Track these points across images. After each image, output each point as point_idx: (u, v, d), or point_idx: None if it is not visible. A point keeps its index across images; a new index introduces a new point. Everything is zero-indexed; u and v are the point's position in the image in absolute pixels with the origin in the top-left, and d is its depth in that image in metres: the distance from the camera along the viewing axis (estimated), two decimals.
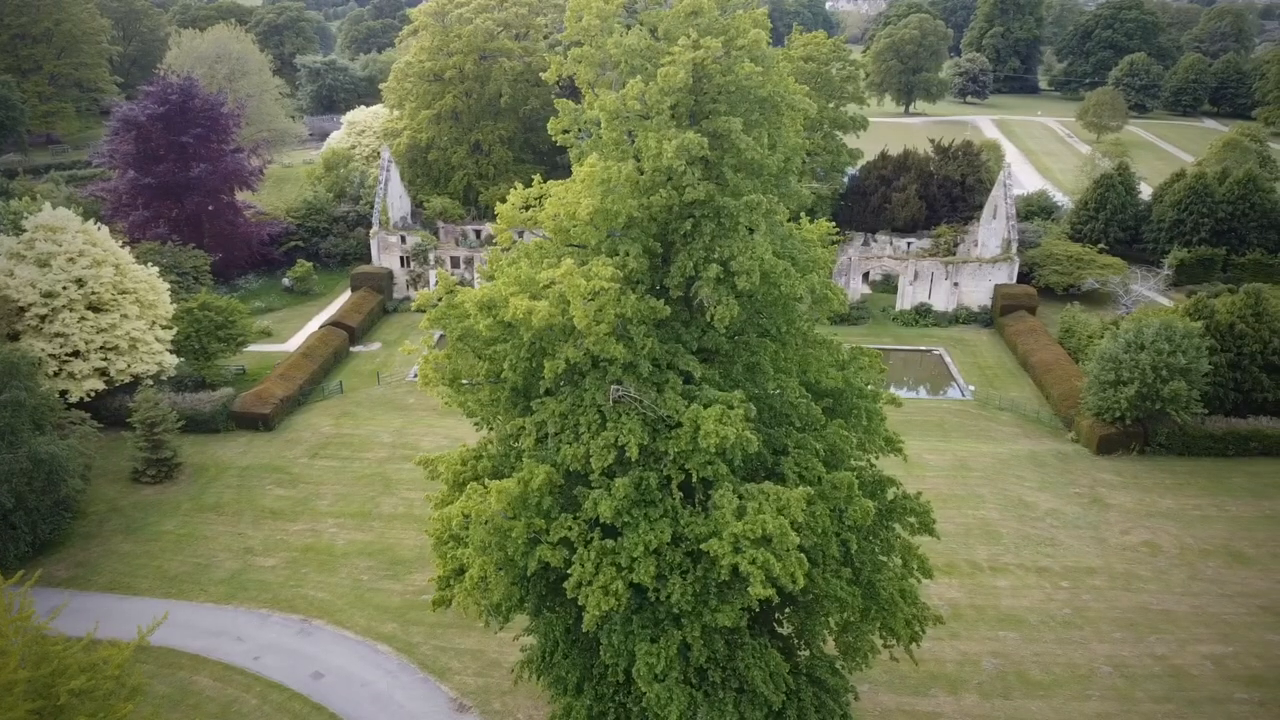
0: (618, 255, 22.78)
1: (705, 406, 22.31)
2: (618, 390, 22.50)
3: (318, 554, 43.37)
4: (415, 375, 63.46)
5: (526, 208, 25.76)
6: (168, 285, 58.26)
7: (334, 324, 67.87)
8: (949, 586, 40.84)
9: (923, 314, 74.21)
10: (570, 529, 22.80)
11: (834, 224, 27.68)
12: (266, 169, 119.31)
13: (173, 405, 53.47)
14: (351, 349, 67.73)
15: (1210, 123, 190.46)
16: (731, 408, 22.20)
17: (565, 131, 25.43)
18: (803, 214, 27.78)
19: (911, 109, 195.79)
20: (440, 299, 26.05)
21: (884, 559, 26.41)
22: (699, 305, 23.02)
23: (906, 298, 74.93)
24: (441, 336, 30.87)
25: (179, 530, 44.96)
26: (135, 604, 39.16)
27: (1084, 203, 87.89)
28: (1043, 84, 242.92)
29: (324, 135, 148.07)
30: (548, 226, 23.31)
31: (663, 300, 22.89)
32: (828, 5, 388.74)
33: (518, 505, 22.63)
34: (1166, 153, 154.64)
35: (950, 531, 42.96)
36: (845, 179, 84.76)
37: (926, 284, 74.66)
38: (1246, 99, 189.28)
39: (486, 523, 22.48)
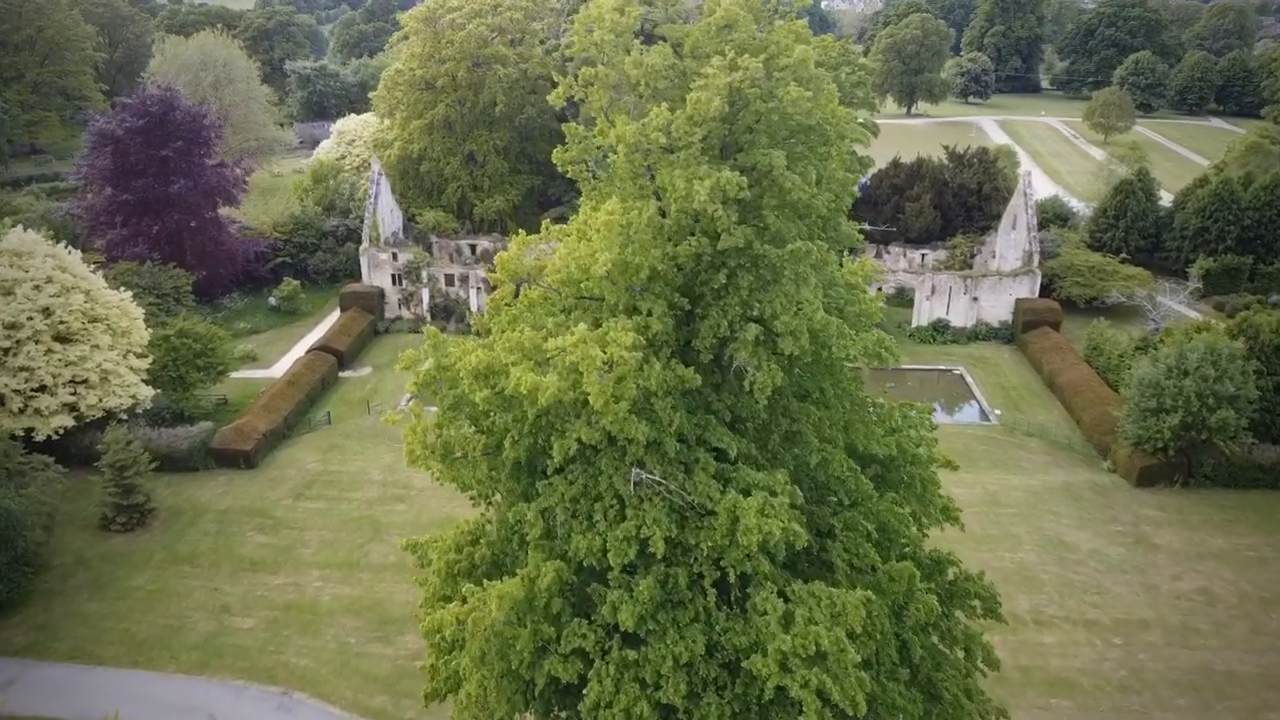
0: (638, 314, 19.23)
1: (744, 494, 18.79)
2: (639, 474, 18.98)
3: (300, 612, 39.77)
4: (407, 404, 59.94)
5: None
6: (142, 311, 54.52)
7: (322, 348, 64.26)
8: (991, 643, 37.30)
9: (940, 330, 70.77)
10: (585, 637, 19.29)
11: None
12: (252, 179, 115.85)
13: (146, 443, 49.88)
14: (340, 374, 64.13)
15: (1217, 122, 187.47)
16: (774, 494, 18.69)
17: (575, 163, 21.79)
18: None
19: (914, 110, 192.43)
20: (428, 358, 22.36)
21: (945, 651, 22.94)
22: (735, 370, 19.47)
23: (923, 313, 71.49)
24: (411, 398, 27.28)
25: (150, 586, 41.32)
26: (99, 676, 35.56)
27: (1103, 210, 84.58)
28: (1044, 83, 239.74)
29: (314, 143, 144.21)
30: (555, 280, 19.72)
31: (691, 367, 19.33)
32: (823, 4, 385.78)
33: (523, 608, 19.11)
34: (1175, 154, 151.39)
35: (987, 578, 39.48)
36: (856, 188, 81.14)
37: (944, 298, 71.22)
38: (1254, 97, 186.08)
39: (486, 631, 18.96)
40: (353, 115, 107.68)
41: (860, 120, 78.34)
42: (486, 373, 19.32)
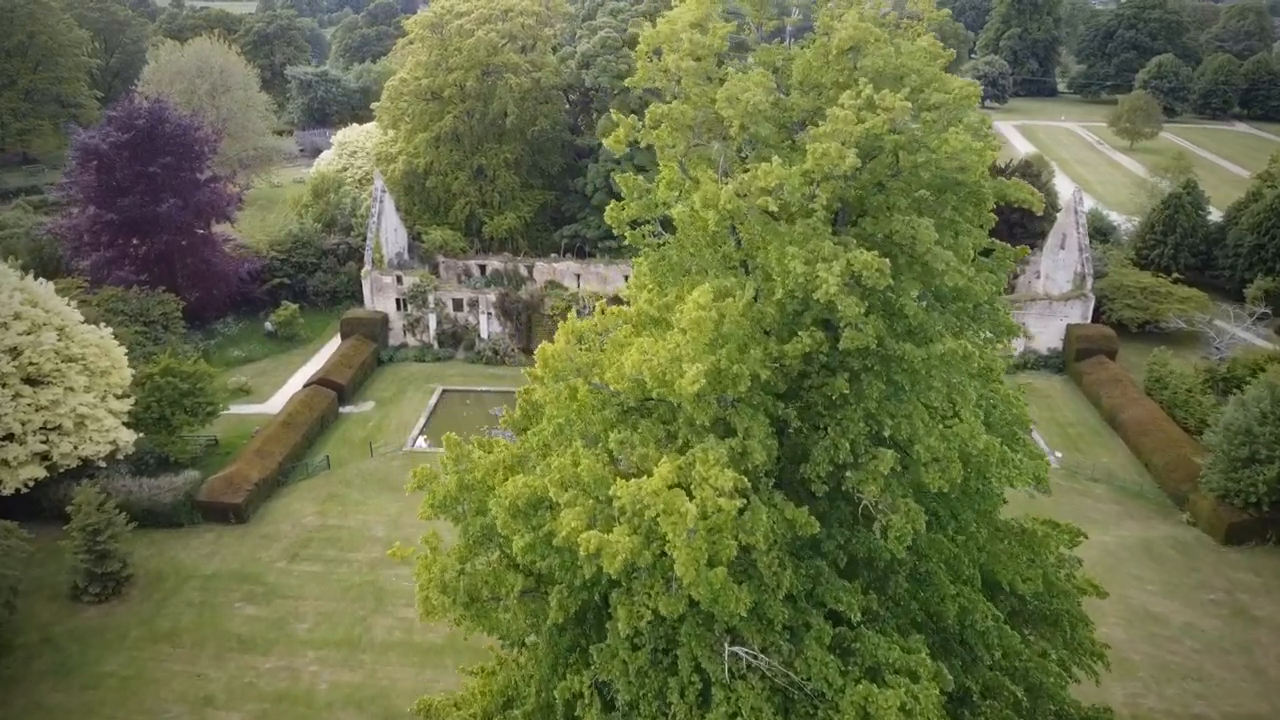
0: (732, 434, 14.37)
1: (874, 678, 13.92)
2: (733, 650, 14.12)
3: (293, 704, 34.95)
4: (415, 443, 55.24)
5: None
6: (124, 349, 49.72)
7: (320, 382, 59.40)
8: None
9: None
10: None
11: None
12: (248, 194, 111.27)
13: (126, 496, 45.21)
14: (341, 410, 59.28)
15: (1242, 126, 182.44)
16: (916, 677, 13.82)
17: (636, 224, 16.92)
18: None
19: None
20: (449, 469, 17.47)
21: None
22: (860, 511, 14.58)
23: None
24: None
25: (124, 672, 36.49)
26: None
27: (1150, 225, 79.63)
28: (1060, 86, 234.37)
29: (315, 151, 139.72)
30: (622, 387, 14.76)
31: (803, 506, 14.44)
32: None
33: None
34: (1206, 161, 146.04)
35: None
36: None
37: None
38: (1279, 101, 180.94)
39: None
40: (355, 125, 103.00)
41: None
42: (528, 508, 14.42)
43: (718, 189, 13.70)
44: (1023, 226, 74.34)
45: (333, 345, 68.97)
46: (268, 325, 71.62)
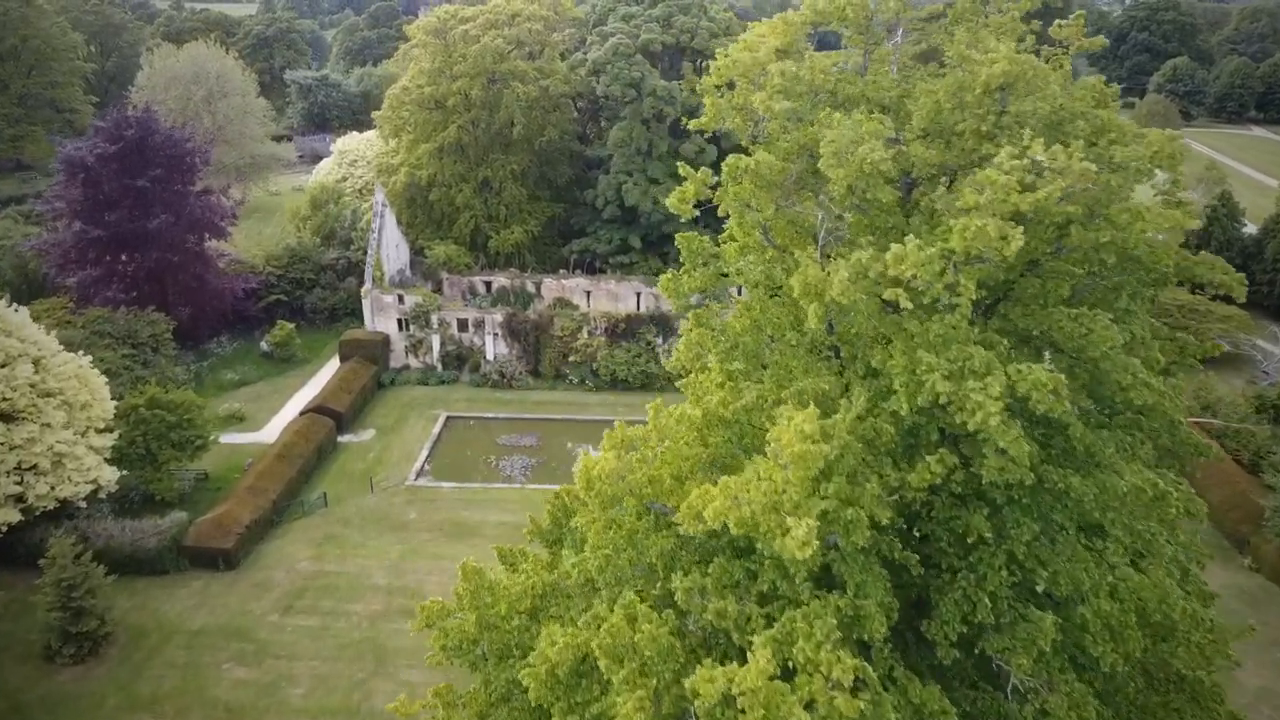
0: (839, 589, 11.03)
1: None
2: None
3: None
4: (417, 477, 51.95)
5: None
6: (105, 381, 46.41)
7: (318, 409, 56.09)
8: None
9: None
10: None
11: None
12: (249, 200, 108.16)
13: (107, 541, 42.09)
14: (339, 439, 55.97)
15: (1259, 130, 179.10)
16: None
17: (697, 301, 13.56)
18: None
19: None
20: (465, 603, 14.09)
21: None
22: (1010, 689, 11.21)
23: None
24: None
25: None
26: None
27: (1183, 240, 76.34)
28: None
29: (315, 157, 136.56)
30: (695, 530, 11.34)
31: (928, 680, 11.12)
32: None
33: None
34: (1227, 166, 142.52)
35: None
36: None
37: None
38: None
39: None
40: (355, 133, 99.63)
41: None
42: (570, 678, 11.10)
43: (823, 274, 10.40)
44: None
45: (331, 366, 65.75)
46: (263, 345, 68.34)
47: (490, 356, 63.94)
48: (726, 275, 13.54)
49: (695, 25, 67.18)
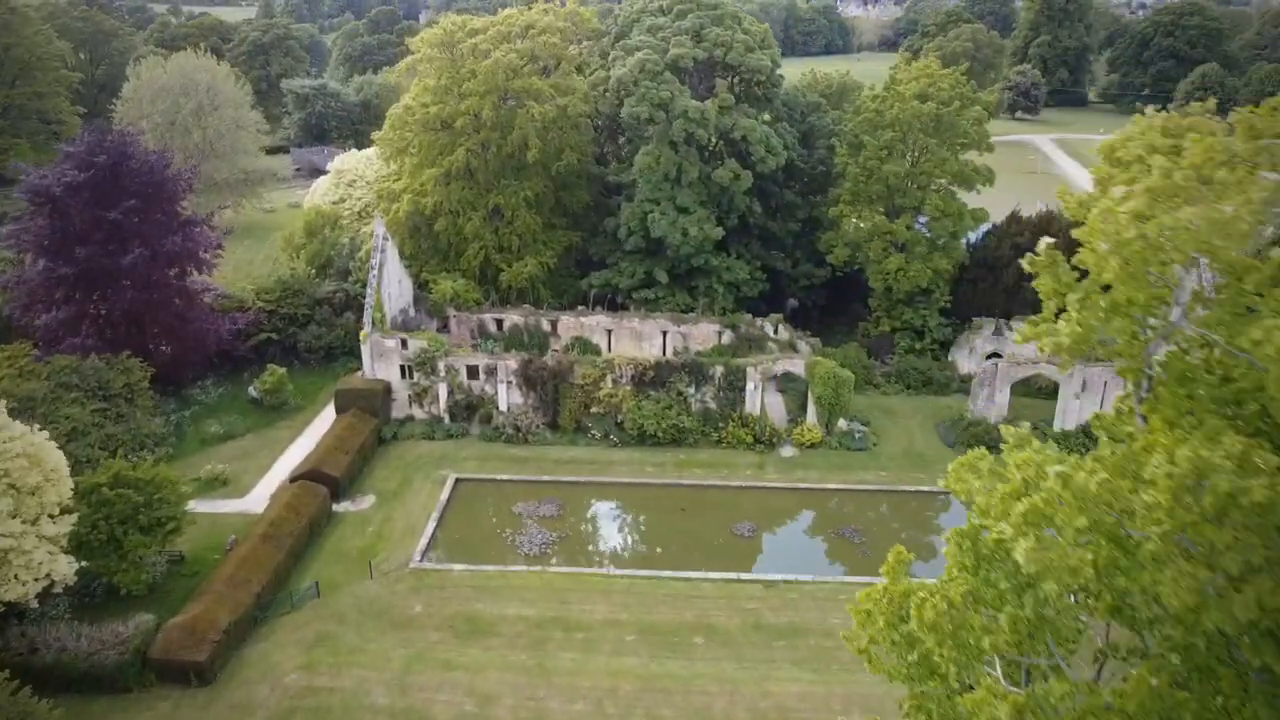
0: None
1: None
2: None
3: None
4: (423, 557, 45.51)
5: None
6: (63, 458, 39.86)
7: (311, 474, 49.64)
8: None
9: (1094, 436, 55.97)
10: None
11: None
12: (237, 225, 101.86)
13: (58, 655, 35.67)
14: (335, 508, 49.56)
15: None
16: None
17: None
18: None
19: None
20: None
21: None
22: None
23: (1069, 415, 56.83)
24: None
25: None
26: None
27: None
28: (1091, 96, 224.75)
29: (313, 170, 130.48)
30: None
31: None
32: (839, 10, 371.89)
33: None
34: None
35: None
36: (965, 248, 66.85)
37: (1097, 395, 56.55)
38: None
39: None
40: (354, 150, 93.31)
41: (974, 165, 64.13)
42: None
43: None
44: None
45: (327, 414, 59.40)
46: (252, 390, 61.93)
47: (504, 407, 57.53)
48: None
49: (730, 38, 60.69)
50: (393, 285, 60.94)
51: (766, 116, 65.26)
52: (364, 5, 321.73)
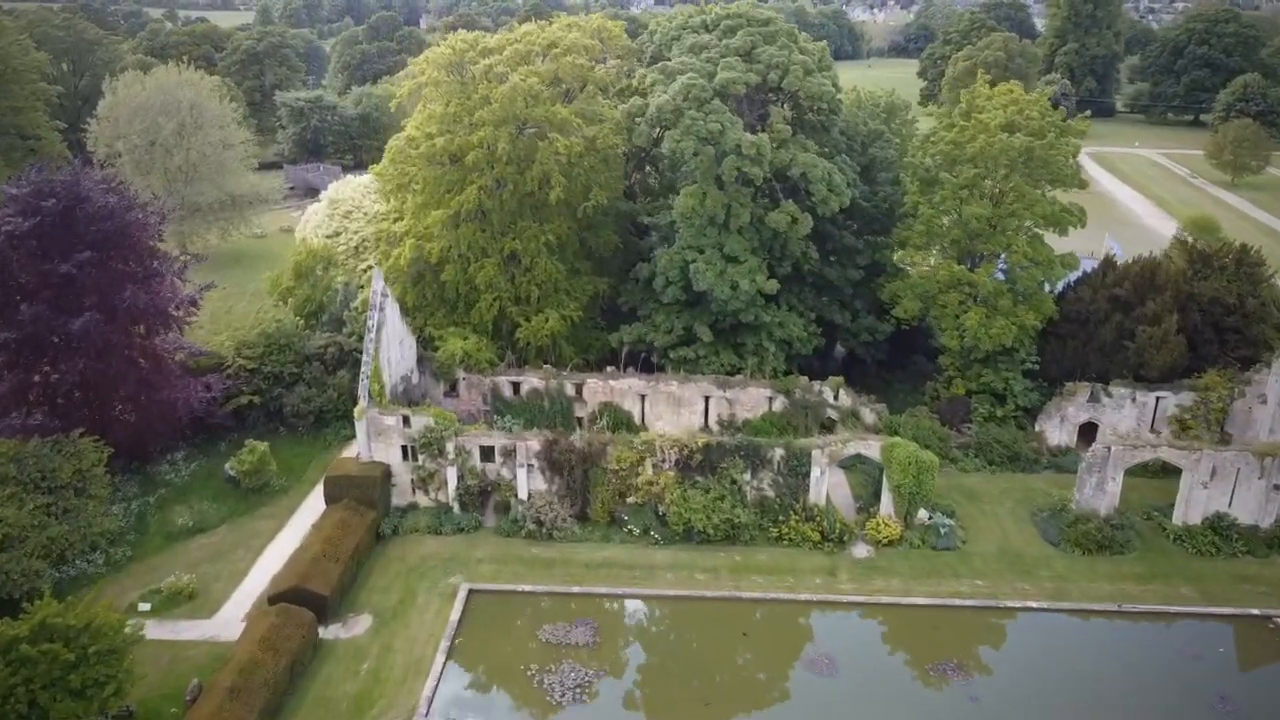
0: None
1: None
2: None
3: None
4: (429, 709, 36.72)
5: None
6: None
7: (293, 593, 40.85)
8: None
9: (1223, 534, 47.33)
10: None
11: None
12: (222, 253, 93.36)
13: None
14: (321, 635, 40.77)
15: None
16: None
17: None
18: None
19: None
20: None
21: None
22: None
23: (1194, 506, 48.08)
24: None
25: None
26: None
27: None
28: (1119, 105, 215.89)
29: (307, 189, 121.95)
30: None
31: None
32: (846, 12, 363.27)
33: None
34: None
35: None
36: (1053, 297, 58.07)
37: (1226, 484, 47.79)
38: None
39: None
40: (349, 177, 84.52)
41: (1062, 206, 55.48)
42: None
43: None
44: (1239, 333, 55.93)
45: (314, 499, 50.87)
46: (228, 469, 53.18)
47: (524, 495, 48.79)
48: None
49: (786, 59, 51.86)
50: (393, 348, 52.19)
51: (825, 149, 56.51)
52: (364, 10, 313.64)
